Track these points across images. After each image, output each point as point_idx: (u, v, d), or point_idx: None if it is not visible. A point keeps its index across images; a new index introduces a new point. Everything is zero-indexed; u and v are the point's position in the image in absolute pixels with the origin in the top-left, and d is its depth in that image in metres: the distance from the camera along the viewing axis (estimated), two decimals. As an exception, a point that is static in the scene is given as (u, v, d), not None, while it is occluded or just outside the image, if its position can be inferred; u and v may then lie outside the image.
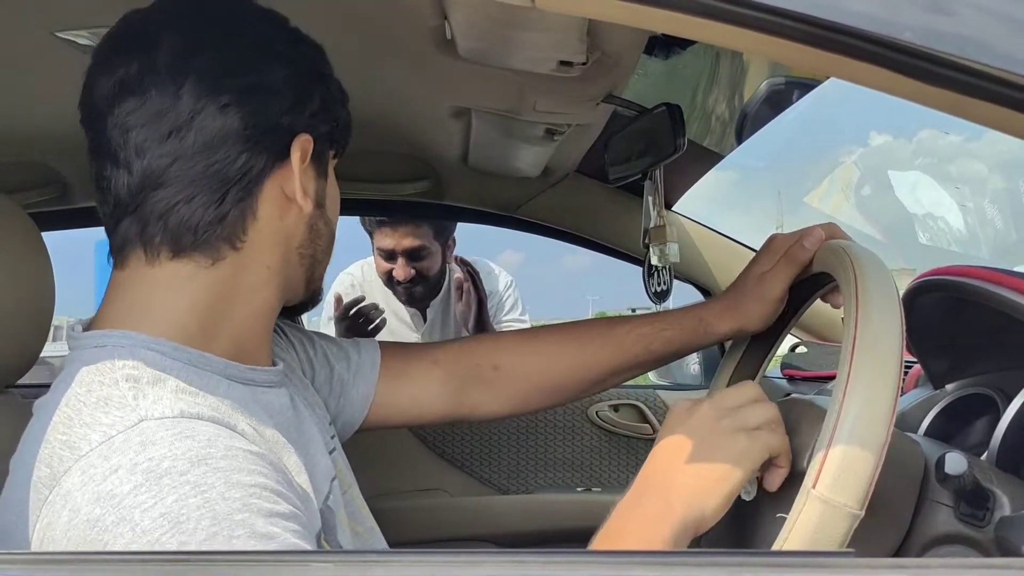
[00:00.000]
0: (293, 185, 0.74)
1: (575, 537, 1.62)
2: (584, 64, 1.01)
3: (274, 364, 0.82)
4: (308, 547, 0.61)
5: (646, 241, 1.22)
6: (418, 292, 2.23)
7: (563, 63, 1.01)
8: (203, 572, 0.43)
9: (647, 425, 1.82)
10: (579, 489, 1.77)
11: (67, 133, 1.45)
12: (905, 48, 0.52)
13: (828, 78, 1.31)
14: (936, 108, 0.57)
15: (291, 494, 0.65)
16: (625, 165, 1.31)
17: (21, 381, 0.89)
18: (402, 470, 1.70)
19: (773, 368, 1.79)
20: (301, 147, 0.74)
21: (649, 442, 1.79)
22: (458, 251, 2.36)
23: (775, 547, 0.62)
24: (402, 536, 1.44)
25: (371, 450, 1.44)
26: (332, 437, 0.91)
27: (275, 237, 0.75)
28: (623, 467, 1.81)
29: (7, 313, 0.81)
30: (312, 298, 0.86)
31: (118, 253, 0.73)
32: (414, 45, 1.07)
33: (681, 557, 0.51)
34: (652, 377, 1.90)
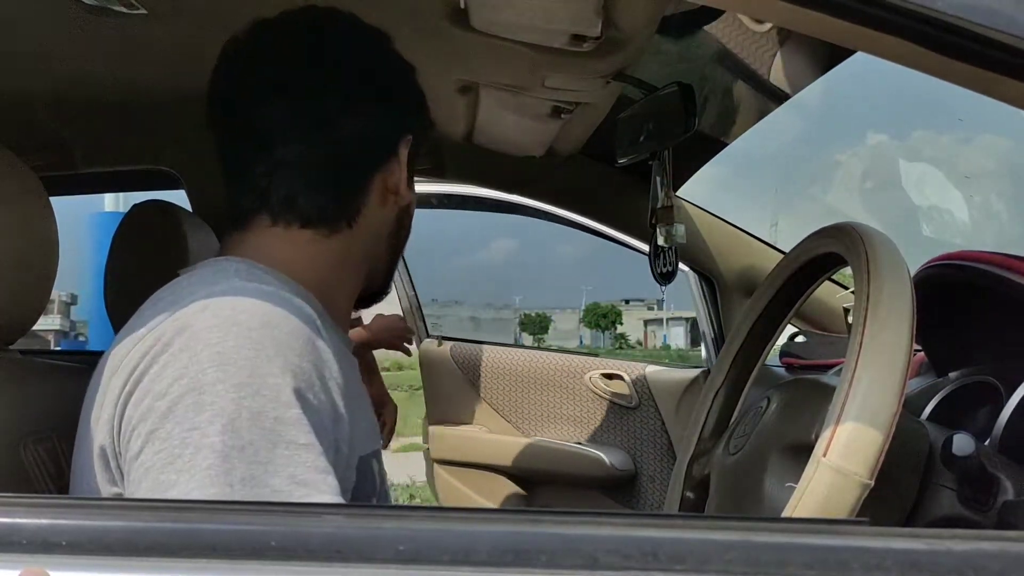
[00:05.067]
0: (396, 178, 0.85)
1: (570, 480, 1.98)
2: (597, 39, 1.00)
3: None
4: (316, 440, 0.65)
5: (653, 221, 1.22)
6: None
7: (576, 36, 1.00)
8: (221, 520, 0.43)
9: (628, 396, 1.94)
10: (574, 442, 1.98)
11: (70, 96, 1.44)
12: (934, 20, 0.52)
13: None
14: (962, 84, 0.56)
15: (324, 397, 0.69)
16: (634, 146, 1.30)
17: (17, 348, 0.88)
18: (458, 407, 2.10)
19: (772, 357, 1.79)
20: (407, 146, 0.85)
21: (630, 410, 1.93)
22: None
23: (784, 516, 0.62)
24: (447, 456, 2.09)
25: (441, 388, 2.10)
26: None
27: (375, 223, 0.86)
28: (609, 429, 1.96)
29: (10, 269, 0.80)
30: (384, 287, 0.95)
31: (241, 218, 0.83)
32: (426, 16, 1.06)
33: (694, 520, 0.50)
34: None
